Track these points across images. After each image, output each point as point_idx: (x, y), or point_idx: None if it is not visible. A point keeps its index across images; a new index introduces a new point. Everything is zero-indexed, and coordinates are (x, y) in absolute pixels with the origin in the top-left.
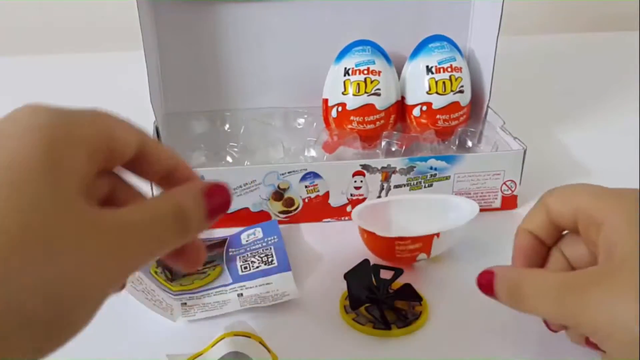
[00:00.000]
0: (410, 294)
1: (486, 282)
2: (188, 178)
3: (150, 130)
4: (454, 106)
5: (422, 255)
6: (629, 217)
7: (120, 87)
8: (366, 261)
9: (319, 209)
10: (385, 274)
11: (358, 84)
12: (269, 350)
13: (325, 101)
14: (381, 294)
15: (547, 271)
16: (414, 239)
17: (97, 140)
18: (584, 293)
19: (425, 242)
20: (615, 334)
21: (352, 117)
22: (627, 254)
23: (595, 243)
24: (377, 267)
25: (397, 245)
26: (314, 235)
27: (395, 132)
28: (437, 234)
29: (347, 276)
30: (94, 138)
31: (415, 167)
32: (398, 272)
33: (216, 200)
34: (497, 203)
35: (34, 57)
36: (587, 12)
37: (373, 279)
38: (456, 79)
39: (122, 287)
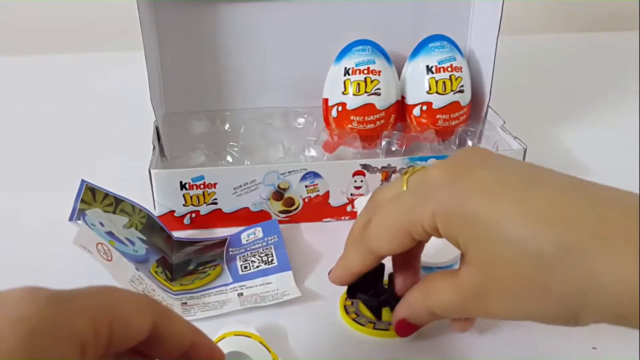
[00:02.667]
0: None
1: (405, 327)
2: (210, 357)
3: (150, 130)
4: (454, 106)
5: None
6: (454, 203)
7: (120, 87)
8: (380, 266)
9: (319, 209)
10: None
11: (358, 84)
12: (269, 350)
13: (326, 101)
14: (387, 294)
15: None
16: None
17: (94, 330)
18: (483, 302)
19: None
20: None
21: (352, 117)
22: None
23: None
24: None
25: None
26: (314, 235)
27: (395, 132)
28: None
29: (354, 296)
30: (88, 328)
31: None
32: (381, 269)
33: None
34: None
35: (34, 57)
36: (587, 12)
37: (383, 282)
38: (456, 79)
39: None
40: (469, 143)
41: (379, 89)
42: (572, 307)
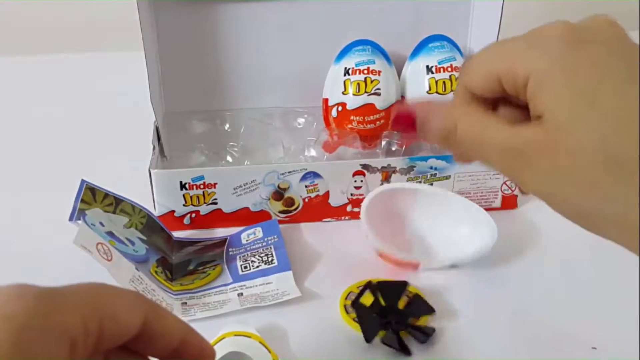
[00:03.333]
0: (423, 308)
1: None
2: (200, 354)
3: (150, 130)
4: None
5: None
6: (558, 64)
7: (120, 87)
8: (368, 284)
9: (319, 209)
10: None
11: (358, 84)
12: (269, 351)
13: (326, 101)
14: (392, 315)
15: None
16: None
17: (84, 327)
18: (530, 164)
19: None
20: (558, 207)
21: (352, 117)
22: (559, 118)
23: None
24: (382, 285)
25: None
26: (314, 235)
27: (395, 132)
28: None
29: (355, 307)
30: (78, 325)
31: (415, 166)
32: (401, 286)
33: None
34: (497, 203)
35: (34, 57)
36: (587, 12)
37: (381, 299)
38: (456, 79)
39: None
40: None
41: (379, 89)
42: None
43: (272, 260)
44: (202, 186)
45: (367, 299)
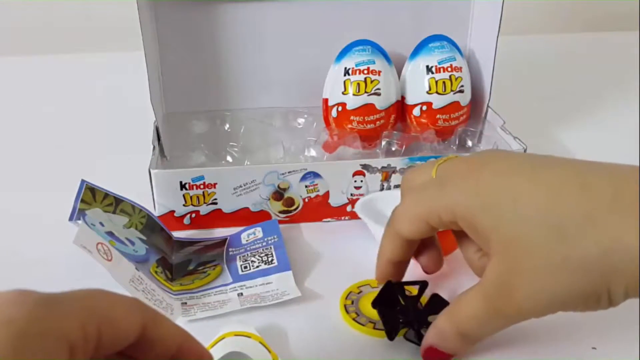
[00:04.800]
0: (441, 305)
1: (434, 355)
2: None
3: (150, 130)
4: (454, 106)
5: None
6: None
7: (120, 87)
8: (389, 283)
9: (319, 209)
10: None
11: (358, 84)
12: (269, 351)
13: (325, 101)
14: (413, 314)
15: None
16: None
17: (83, 332)
18: (509, 294)
19: None
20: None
21: (352, 117)
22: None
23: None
24: (401, 285)
25: None
26: (314, 235)
27: (395, 132)
28: None
29: (376, 305)
30: (77, 330)
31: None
32: (423, 286)
33: None
34: None
35: (34, 57)
36: (587, 12)
37: (400, 299)
38: (456, 79)
39: None
40: (469, 143)
41: (379, 89)
42: (600, 277)
43: (272, 260)
44: (202, 186)
45: (368, 298)
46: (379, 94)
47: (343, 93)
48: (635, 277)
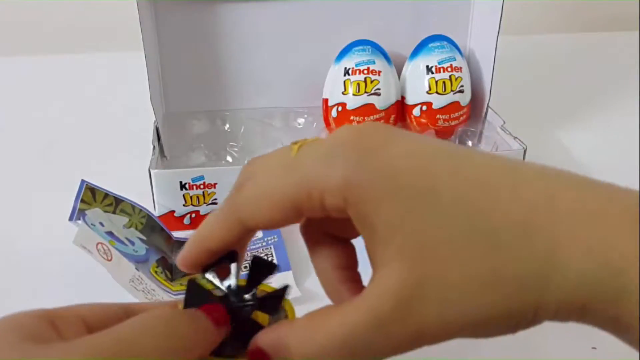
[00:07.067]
0: (273, 306)
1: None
2: None
3: (150, 130)
4: (454, 106)
5: None
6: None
7: (120, 87)
8: (193, 283)
9: None
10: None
11: (358, 84)
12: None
13: (326, 101)
14: (238, 299)
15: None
16: None
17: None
18: (417, 309)
19: None
20: None
21: (352, 117)
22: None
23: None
24: (257, 261)
25: None
26: None
27: None
28: None
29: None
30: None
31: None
32: (269, 269)
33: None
34: None
35: (34, 57)
36: (587, 12)
37: (234, 278)
38: (456, 79)
39: None
40: (469, 143)
41: (379, 89)
42: (531, 296)
43: (272, 260)
44: (202, 186)
45: None
46: (379, 94)
47: (343, 93)
48: (568, 294)
